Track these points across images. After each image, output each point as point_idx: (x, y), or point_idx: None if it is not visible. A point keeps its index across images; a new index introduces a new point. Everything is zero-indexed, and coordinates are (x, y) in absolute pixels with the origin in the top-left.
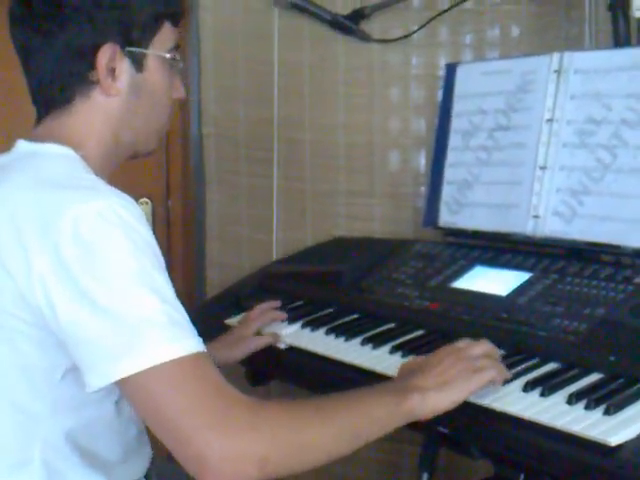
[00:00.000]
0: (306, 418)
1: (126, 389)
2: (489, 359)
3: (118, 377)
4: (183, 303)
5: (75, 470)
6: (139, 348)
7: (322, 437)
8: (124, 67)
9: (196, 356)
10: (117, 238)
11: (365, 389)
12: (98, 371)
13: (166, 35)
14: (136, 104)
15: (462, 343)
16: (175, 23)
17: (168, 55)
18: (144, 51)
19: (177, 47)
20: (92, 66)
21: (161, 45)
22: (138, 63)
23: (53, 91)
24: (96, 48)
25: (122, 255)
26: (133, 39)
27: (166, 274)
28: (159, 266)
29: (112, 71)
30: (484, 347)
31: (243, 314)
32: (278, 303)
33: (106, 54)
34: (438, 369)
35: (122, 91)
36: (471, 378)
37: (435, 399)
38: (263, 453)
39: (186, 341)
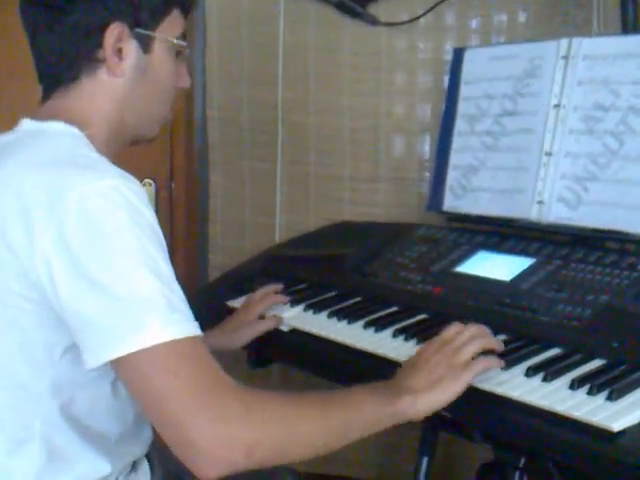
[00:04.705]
0: (297, 411)
1: (120, 370)
2: (477, 344)
3: (113, 357)
4: (184, 287)
5: (75, 448)
6: (135, 329)
7: (311, 431)
8: (131, 48)
9: (192, 340)
10: (120, 219)
11: (358, 387)
12: (94, 350)
13: (174, 22)
14: (140, 86)
15: (450, 332)
16: (184, 12)
17: (175, 40)
18: (151, 34)
19: (184, 36)
20: (99, 44)
21: (169, 31)
22: (145, 45)
23: (59, 69)
24: (104, 27)
25: (124, 236)
26: (141, 21)
27: (167, 257)
28: (161, 248)
29: (119, 51)
30: (472, 331)
31: (245, 296)
32: (280, 286)
33: (114, 33)
34: (427, 367)
35: (127, 72)
36: (460, 375)
37: (425, 400)
38: (252, 441)
39: (182, 324)
